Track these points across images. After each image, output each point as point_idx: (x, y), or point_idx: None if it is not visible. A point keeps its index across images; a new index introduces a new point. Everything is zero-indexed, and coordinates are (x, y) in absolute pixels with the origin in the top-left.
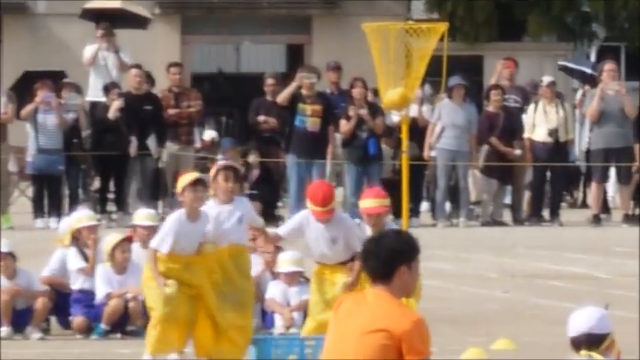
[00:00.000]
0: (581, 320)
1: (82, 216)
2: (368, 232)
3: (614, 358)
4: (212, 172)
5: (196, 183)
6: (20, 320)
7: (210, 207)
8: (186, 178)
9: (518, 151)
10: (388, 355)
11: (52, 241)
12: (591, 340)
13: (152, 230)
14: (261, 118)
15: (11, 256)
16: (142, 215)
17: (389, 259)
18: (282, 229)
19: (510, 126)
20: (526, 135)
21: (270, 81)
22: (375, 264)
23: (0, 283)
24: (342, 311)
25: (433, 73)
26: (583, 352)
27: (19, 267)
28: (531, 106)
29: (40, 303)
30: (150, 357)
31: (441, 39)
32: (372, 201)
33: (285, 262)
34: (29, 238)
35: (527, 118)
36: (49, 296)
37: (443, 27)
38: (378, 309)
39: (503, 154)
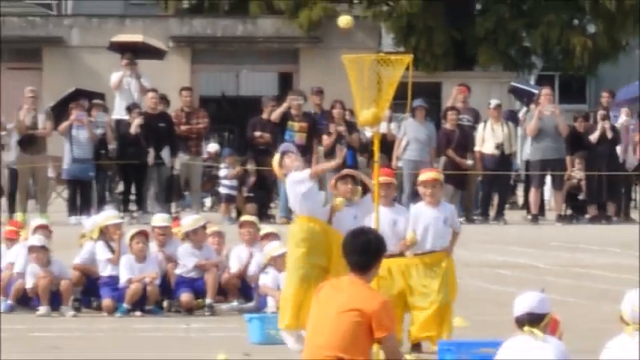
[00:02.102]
0: (524, 302)
1: (108, 215)
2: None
3: (554, 335)
4: (332, 181)
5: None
6: (55, 301)
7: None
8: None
9: (470, 162)
10: (361, 331)
11: (82, 235)
12: (533, 319)
13: (166, 230)
14: (257, 133)
15: (44, 248)
16: (158, 218)
17: (370, 256)
18: None
19: (464, 141)
20: (477, 148)
21: (271, 102)
22: (358, 258)
23: (34, 271)
24: (322, 295)
25: (399, 97)
26: (526, 328)
27: (53, 257)
28: (481, 124)
29: (63, 285)
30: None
31: (407, 68)
32: (429, 173)
33: (274, 249)
34: (64, 232)
35: (477, 134)
36: (80, 281)
37: (408, 58)
38: (352, 292)
39: (458, 164)
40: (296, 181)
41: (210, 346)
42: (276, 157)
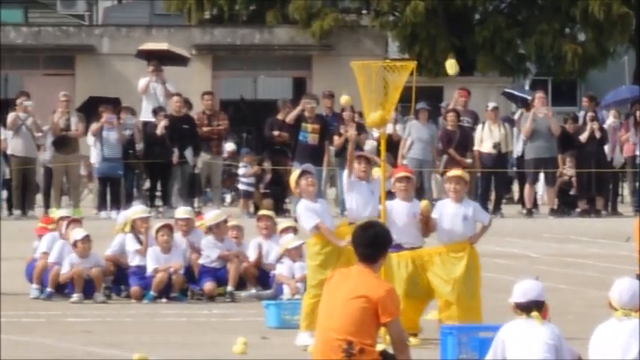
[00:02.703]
0: (530, 291)
1: (137, 210)
2: None
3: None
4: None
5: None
6: (88, 289)
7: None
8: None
9: (469, 160)
10: (367, 316)
11: (113, 229)
12: (538, 305)
13: (189, 221)
14: (276, 132)
15: (89, 240)
16: (181, 211)
17: (378, 248)
18: None
19: (464, 140)
20: (475, 147)
21: (287, 105)
22: (366, 250)
23: (72, 261)
24: (333, 282)
25: (404, 100)
26: (534, 314)
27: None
28: (479, 125)
29: (94, 272)
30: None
31: (411, 74)
32: (456, 170)
33: (289, 242)
34: (95, 226)
35: (476, 135)
36: (110, 271)
37: (412, 65)
38: (360, 280)
39: (458, 162)
40: (308, 211)
41: (230, 330)
42: (296, 174)
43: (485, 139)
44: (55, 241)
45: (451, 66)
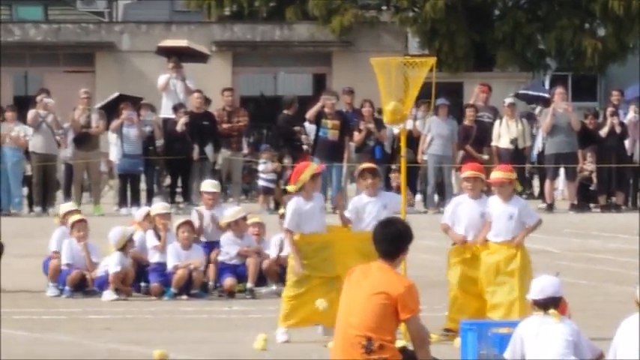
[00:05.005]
0: (548, 288)
1: (157, 206)
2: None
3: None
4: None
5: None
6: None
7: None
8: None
9: (486, 157)
10: (387, 312)
11: (133, 224)
12: (555, 302)
13: (214, 195)
14: (297, 128)
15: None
16: (207, 184)
17: (398, 245)
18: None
19: (481, 136)
20: (493, 143)
21: (294, 101)
22: (387, 247)
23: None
24: (353, 279)
25: (424, 96)
26: (551, 311)
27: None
28: (497, 121)
29: (128, 271)
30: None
31: (431, 70)
32: (498, 173)
33: None
34: (116, 223)
35: (494, 130)
36: (132, 267)
37: (432, 60)
38: (380, 277)
39: (475, 158)
40: (293, 213)
41: (250, 326)
42: (313, 167)
43: (503, 134)
44: (64, 237)
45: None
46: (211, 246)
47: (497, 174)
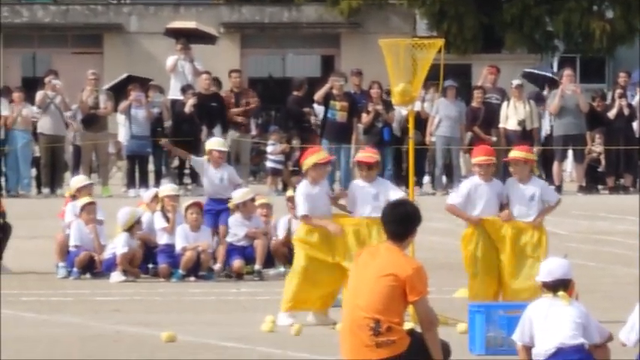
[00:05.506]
0: (557, 270)
1: (166, 187)
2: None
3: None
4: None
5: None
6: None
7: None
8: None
9: (494, 138)
10: (396, 294)
11: (140, 206)
12: (564, 284)
13: (222, 154)
14: (306, 109)
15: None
16: (215, 142)
17: (407, 226)
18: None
19: (489, 118)
20: (501, 125)
21: (303, 85)
22: (396, 228)
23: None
24: (361, 260)
25: (432, 78)
26: (561, 293)
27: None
28: (505, 103)
29: (136, 252)
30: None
31: (439, 51)
32: (514, 151)
33: None
34: (124, 204)
35: (502, 112)
36: (140, 248)
37: (440, 42)
38: (388, 258)
39: (482, 140)
40: (304, 197)
41: (258, 308)
42: (320, 155)
43: (511, 116)
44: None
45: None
46: (219, 208)
47: (513, 152)
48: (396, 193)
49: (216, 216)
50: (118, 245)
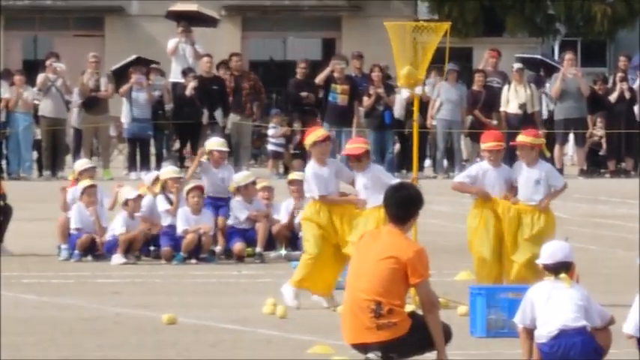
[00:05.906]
0: (559, 252)
1: (168, 170)
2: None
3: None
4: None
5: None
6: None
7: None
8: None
9: (495, 122)
10: (397, 277)
11: (143, 189)
12: (566, 267)
13: (223, 154)
14: (304, 93)
15: (140, 199)
16: (215, 142)
17: (409, 209)
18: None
19: (490, 101)
20: (502, 108)
21: (302, 64)
22: (398, 211)
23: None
24: (362, 243)
25: (435, 61)
26: (562, 275)
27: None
28: (505, 86)
29: (138, 233)
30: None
31: (444, 35)
32: (521, 136)
33: None
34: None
35: (502, 95)
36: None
37: (446, 25)
38: (390, 241)
39: (483, 123)
40: (316, 178)
41: (259, 290)
42: (318, 133)
43: (512, 99)
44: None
45: None
46: (217, 204)
47: (520, 137)
48: (388, 179)
49: (215, 209)
50: (116, 226)
